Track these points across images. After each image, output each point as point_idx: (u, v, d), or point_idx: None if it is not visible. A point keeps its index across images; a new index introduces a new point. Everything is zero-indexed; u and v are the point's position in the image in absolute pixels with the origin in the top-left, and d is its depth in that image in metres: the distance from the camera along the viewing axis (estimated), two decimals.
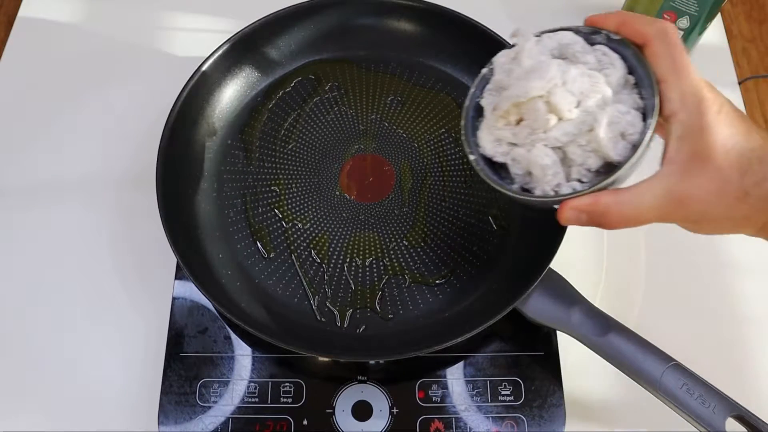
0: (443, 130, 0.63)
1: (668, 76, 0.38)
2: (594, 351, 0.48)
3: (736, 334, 0.58)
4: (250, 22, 0.62)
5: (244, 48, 0.62)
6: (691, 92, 0.37)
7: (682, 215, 0.38)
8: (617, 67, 0.41)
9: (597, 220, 0.39)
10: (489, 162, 0.45)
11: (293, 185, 0.60)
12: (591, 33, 0.43)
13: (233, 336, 0.54)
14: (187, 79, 0.59)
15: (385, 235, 0.58)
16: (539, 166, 0.41)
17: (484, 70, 0.46)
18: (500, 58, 0.46)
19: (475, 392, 0.52)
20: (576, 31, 0.44)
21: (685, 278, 0.60)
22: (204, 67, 0.59)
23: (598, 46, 0.43)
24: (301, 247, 0.57)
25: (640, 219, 0.39)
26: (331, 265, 0.57)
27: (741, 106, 0.69)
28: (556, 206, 0.41)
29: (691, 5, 0.62)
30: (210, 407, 0.51)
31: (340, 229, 0.58)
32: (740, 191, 0.36)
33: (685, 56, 0.38)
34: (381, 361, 0.54)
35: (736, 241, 0.62)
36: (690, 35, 0.65)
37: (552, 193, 0.41)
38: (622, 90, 0.41)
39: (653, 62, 0.39)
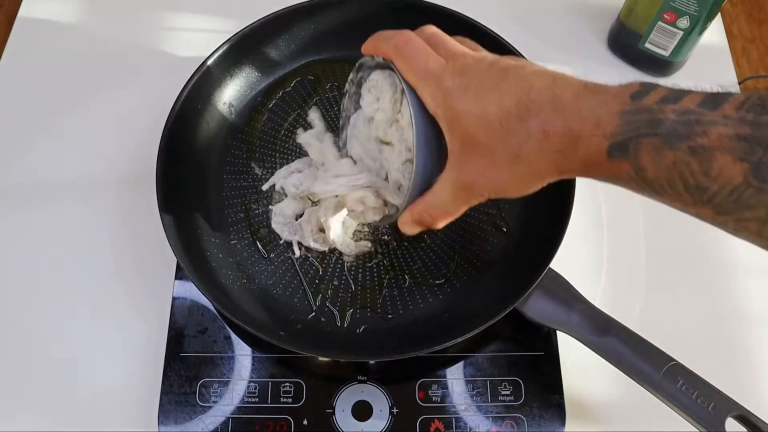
0: None
1: (416, 83, 0.40)
2: (594, 351, 0.48)
3: (736, 334, 0.58)
4: (250, 22, 0.62)
5: (244, 48, 0.62)
6: (436, 90, 0.39)
7: (479, 195, 0.41)
8: (386, 92, 0.47)
9: (424, 224, 0.44)
10: None
11: None
12: (375, 64, 0.48)
13: (233, 336, 0.54)
14: (187, 79, 0.59)
15: (386, 235, 0.58)
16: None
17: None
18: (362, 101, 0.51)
19: (475, 392, 0.52)
20: (374, 66, 0.48)
21: (685, 278, 0.60)
22: (204, 67, 0.59)
23: (386, 72, 0.48)
24: (302, 248, 0.57)
25: (450, 212, 0.43)
26: (331, 265, 0.57)
27: None
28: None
29: (691, 5, 0.62)
30: (210, 407, 0.51)
31: None
32: (511, 156, 0.37)
33: (421, 59, 0.40)
34: (381, 361, 0.54)
35: (736, 241, 0.61)
36: (690, 35, 0.65)
37: (378, 218, 0.49)
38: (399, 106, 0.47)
39: (403, 76, 0.41)
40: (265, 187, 0.59)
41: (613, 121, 0.34)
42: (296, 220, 0.58)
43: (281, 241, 0.57)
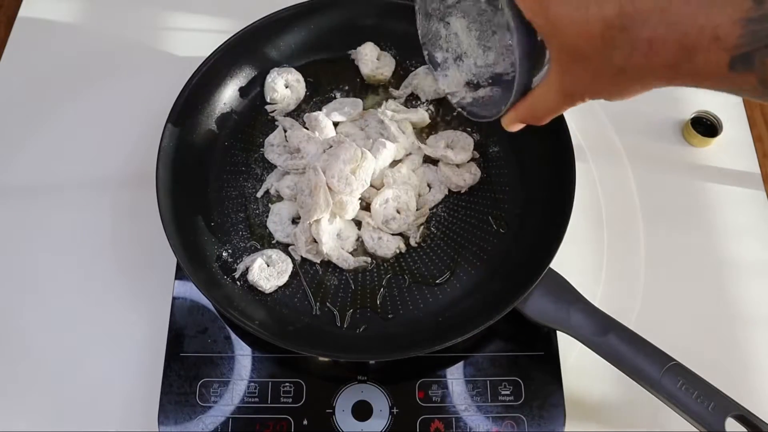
0: (442, 129, 0.63)
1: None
2: (594, 351, 0.49)
3: (735, 334, 0.58)
4: (250, 22, 0.62)
5: (245, 48, 0.62)
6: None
7: (581, 98, 0.40)
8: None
9: (528, 122, 0.45)
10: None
11: None
12: None
13: (233, 336, 0.54)
14: (187, 79, 0.59)
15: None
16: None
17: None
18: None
19: (475, 392, 0.52)
20: None
21: (685, 278, 0.60)
22: (204, 67, 0.60)
23: None
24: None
25: (554, 111, 0.42)
26: (331, 265, 0.57)
27: (740, 106, 0.69)
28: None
29: None
30: (210, 407, 0.51)
31: None
32: (616, 70, 0.36)
33: None
34: (381, 361, 0.54)
35: (736, 241, 0.62)
36: None
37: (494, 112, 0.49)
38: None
39: None
40: (259, 194, 0.60)
41: (735, 30, 0.31)
42: (292, 223, 0.58)
43: (274, 241, 0.57)
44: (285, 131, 0.61)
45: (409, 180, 0.58)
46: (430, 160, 0.61)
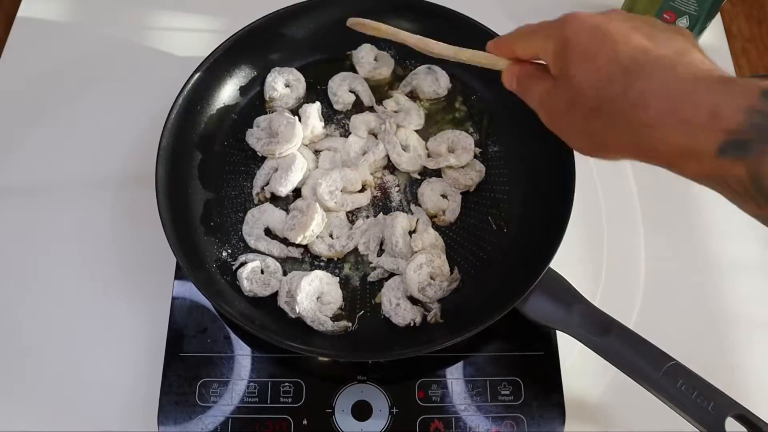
0: (442, 128, 0.63)
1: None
2: (594, 351, 0.48)
3: (736, 334, 0.58)
4: (250, 22, 0.62)
5: (244, 48, 0.62)
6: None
7: (550, 124, 0.40)
8: None
9: (519, 91, 0.44)
10: None
11: None
12: None
13: (233, 336, 0.54)
14: (187, 79, 0.58)
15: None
16: None
17: None
18: None
19: (475, 392, 0.52)
20: None
21: (685, 278, 0.60)
22: (203, 67, 0.59)
23: None
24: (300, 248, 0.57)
25: (533, 107, 0.42)
26: (331, 265, 0.57)
27: None
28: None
29: (690, 5, 0.62)
30: (210, 407, 0.51)
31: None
32: (594, 103, 0.35)
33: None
34: (381, 361, 0.54)
35: (735, 241, 0.62)
36: None
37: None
38: None
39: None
40: (254, 192, 0.59)
41: (738, 116, 0.29)
42: (266, 234, 0.57)
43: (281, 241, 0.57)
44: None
45: (437, 242, 0.57)
46: (435, 172, 0.60)
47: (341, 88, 0.63)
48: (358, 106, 0.64)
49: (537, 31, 0.41)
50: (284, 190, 0.57)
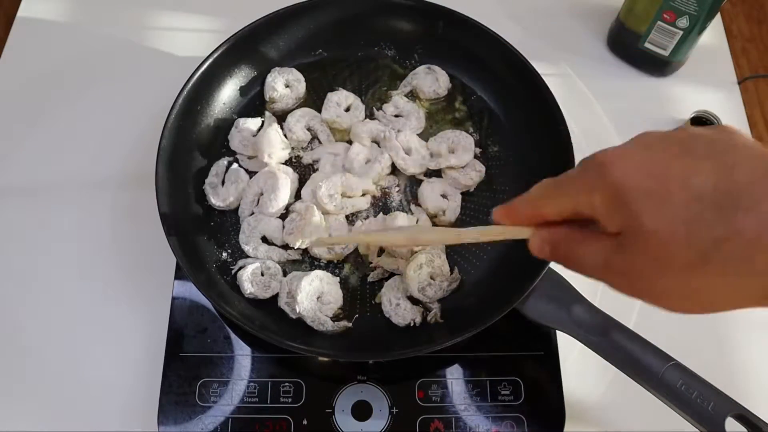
0: (442, 128, 0.63)
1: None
2: (594, 351, 0.48)
3: (736, 334, 0.58)
4: (250, 22, 0.62)
5: (244, 47, 0.62)
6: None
7: (630, 290, 0.31)
8: None
9: (559, 259, 0.36)
10: None
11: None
12: None
13: (233, 336, 0.54)
14: (187, 78, 0.58)
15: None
16: None
17: None
18: None
19: (475, 392, 0.52)
20: None
21: None
22: (203, 67, 0.59)
23: None
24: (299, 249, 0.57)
25: (589, 275, 0.33)
26: (331, 265, 0.57)
27: (740, 106, 0.69)
28: None
29: (690, 5, 0.62)
30: (210, 407, 0.51)
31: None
32: (693, 255, 0.27)
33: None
34: (381, 361, 0.54)
35: None
36: (689, 35, 0.65)
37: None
38: None
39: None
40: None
41: None
42: (263, 241, 0.57)
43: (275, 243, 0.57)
44: (263, 121, 0.62)
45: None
46: (435, 172, 0.60)
47: (298, 125, 0.61)
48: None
49: (566, 185, 0.32)
50: (275, 210, 0.57)
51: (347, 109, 0.63)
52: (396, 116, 0.62)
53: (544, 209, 0.34)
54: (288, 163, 0.61)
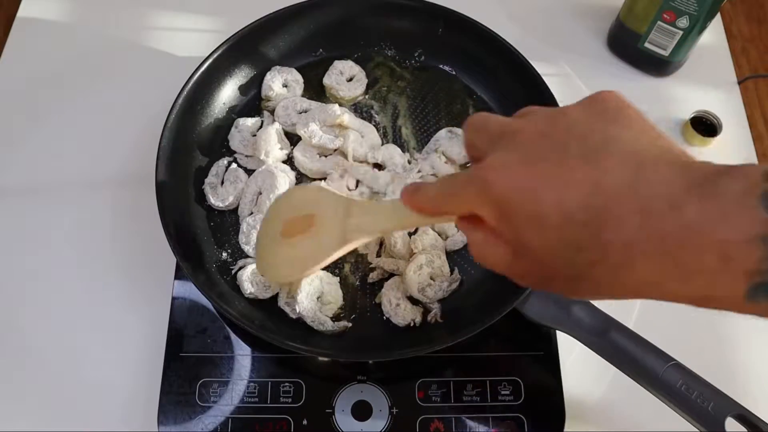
0: (442, 128, 0.63)
1: None
2: (594, 350, 0.48)
3: (736, 334, 0.58)
4: (250, 22, 0.62)
5: (244, 47, 0.62)
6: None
7: (534, 287, 0.34)
8: None
9: (476, 259, 0.34)
10: None
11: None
12: None
13: (233, 336, 0.54)
14: (186, 78, 0.58)
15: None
16: None
17: None
18: None
19: (475, 392, 0.52)
20: None
21: None
22: (203, 67, 0.59)
23: None
24: None
25: (500, 273, 0.33)
26: (331, 265, 0.57)
27: (740, 106, 0.69)
28: None
29: (690, 4, 0.62)
30: (210, 407, 0.51)
31: None
32: (572, 272, 0.28)
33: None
34: (381, 361, 0.54)
35: None
36: (689, 35, 0.64)
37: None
38: None
39: None
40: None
41: (752, 252, 0.23)
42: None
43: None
44: (262, 121, 0.62)
45: (436, 242, 0.56)
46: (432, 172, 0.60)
47: (275, 81, 0.63)
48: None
49: (458, 191, 0.32)
50: None
51: (350, 80, 0.64)
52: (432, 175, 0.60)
53: (444, 208, 0.34)
54: (287, 162, 0.61)
